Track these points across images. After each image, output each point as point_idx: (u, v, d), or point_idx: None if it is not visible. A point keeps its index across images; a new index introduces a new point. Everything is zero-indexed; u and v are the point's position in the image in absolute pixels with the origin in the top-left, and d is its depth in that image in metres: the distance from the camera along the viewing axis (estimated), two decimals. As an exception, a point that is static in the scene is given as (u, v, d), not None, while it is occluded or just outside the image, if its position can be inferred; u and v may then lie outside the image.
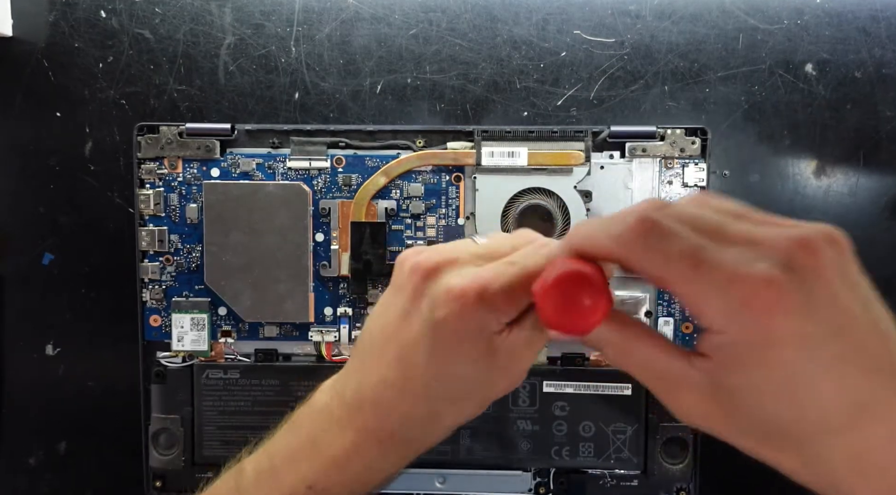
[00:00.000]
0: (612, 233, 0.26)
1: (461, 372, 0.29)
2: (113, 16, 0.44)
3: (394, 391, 0.30)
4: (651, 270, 0.25)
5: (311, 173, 0.42)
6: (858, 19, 0.43)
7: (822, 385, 0.24)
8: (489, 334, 0.28)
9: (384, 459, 0.31)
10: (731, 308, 0.23)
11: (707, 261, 0.23)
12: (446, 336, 0.28)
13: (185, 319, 0.43)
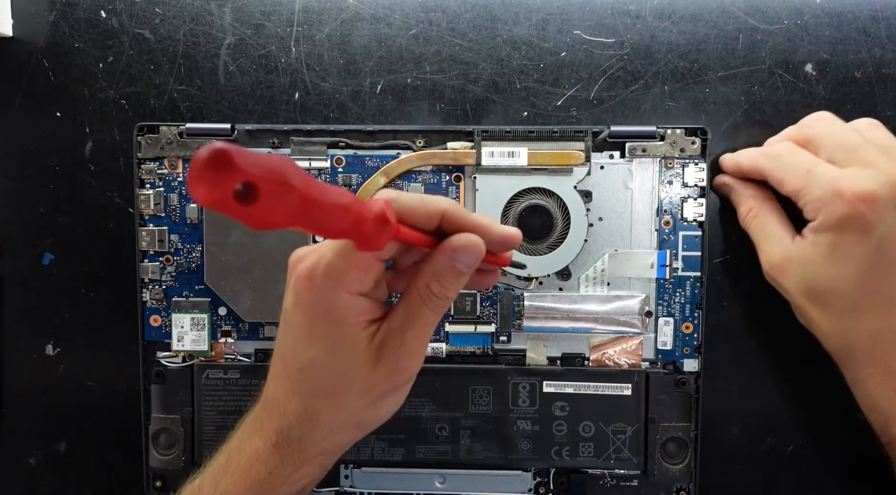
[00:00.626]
0: (762, 151, 0.40)
1: (320, 359, 0.29)
2: (113, 16, 0.44)
3: (275, 386, 0.31)
4: (778, 177, 0.38)
5: (311, 173, 0.42)
6: (858, 19, 0.43)
7: (870, 276, 0.33)
8: (345, 316, 0.29)
9: (283, 467, 0.31)
10: (826, 198, 0.34)
11: (819, 172, 0.35)
12: (297, 320, 0.29)
13: (185, 319, 0.43)
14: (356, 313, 0.29)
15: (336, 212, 0.24)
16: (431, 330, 0.30)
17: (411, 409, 0.42)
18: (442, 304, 0.29)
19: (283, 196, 0.22)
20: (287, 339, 0.30)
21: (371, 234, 0.26)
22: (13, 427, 0.46)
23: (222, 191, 0.21)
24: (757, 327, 0.45)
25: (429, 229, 0.29)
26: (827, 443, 0.45)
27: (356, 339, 0.29)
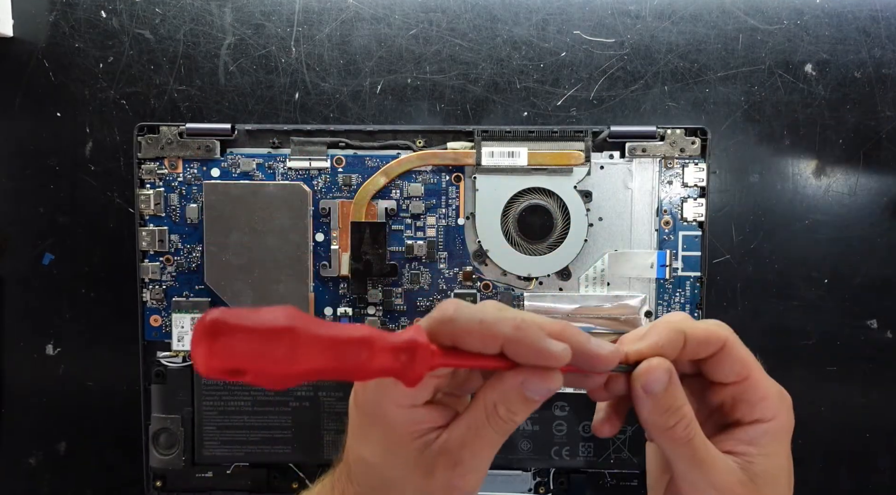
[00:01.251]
0: (721, 332, 0.31)
1: (371, 459, 0.28)
2: (113, 16, 0.44)
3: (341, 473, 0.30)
4: (744, 355, 0.31)
5: (311, 173, 0.42)
6: (858, 20, 0.43)
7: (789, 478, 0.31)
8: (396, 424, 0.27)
9: None
10: (780, 398, 0.31)
11: (758, 374, 0.31)
12: (353, 415, 0.28)
13: (185, 319, 0.43)
14: (409, 424, 0.27)
15: (354, 352, 0.22)
16: (494, 450, 0.27)
17: (411, 409, 0.42)
18: (508, 427, 0.27)
19: (278, 366, 0.21)
20: (348, 425, 0.29)
21: (402, 369, 0.23)
22: (13, 427, 0.46)
23: (218, 365, 0.21)
24: (756, 327, 0.45)
25: (491, 353, 0.26)
26: (826, 443, 0.45)
27: (407, 449, 0.27)
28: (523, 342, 0.25)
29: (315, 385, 0.42)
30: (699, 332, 0.29)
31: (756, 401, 0.30)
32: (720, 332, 0.30)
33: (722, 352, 0.30)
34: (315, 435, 0.42)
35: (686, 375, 0.30)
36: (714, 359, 0.30)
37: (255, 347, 0.21)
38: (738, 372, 0.30)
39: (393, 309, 0.43)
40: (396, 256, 0.43)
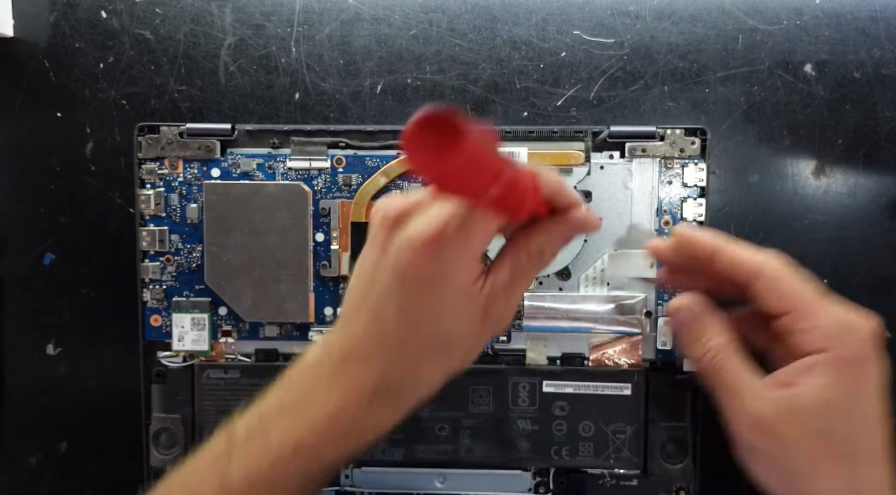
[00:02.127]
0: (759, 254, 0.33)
1: (434, 322, 0.29)
2: (114, 16, 0.44)
3: (373, 346, 0.29)
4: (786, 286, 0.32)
5: (311, 173, 0.42)
6: (858, 20, 0.43)
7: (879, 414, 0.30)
8: (462, 281, 0.28)
9: (371, 417, 0.30)
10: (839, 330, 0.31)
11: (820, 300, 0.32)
12: (411, 285, 0.28)
13: (185, 319, 0.43)
14: (473, 276, 0.29)
15: (491, 173, 0.24)
16: (525, 290, 0.32)
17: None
18: (541, 269, 0.31)
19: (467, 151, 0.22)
20: (388, 301, 0.29)
21: (517, 203, 0.25)
22: (13, 427, 0.46)
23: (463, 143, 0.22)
24: (757, 327, 0.45)
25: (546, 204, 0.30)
26: (827, 443, 0.45)
27: (472, 302, 0.29)
28: (569, 194, 0.30)
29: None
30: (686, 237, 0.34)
31: (805, 332, 0.30)
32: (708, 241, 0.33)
33: (760, 282, 0.31)
34: (315, 434, 0.42)
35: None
36: (755, 290, 0.31)
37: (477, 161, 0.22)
38: (779, 305, 0.31)
39: (393, 309, 0.43)
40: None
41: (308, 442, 0.30)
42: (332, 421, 0.30)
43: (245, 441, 0.31)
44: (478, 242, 0.28)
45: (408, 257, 0.28)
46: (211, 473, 0.31)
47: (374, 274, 0.29)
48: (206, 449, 0.32)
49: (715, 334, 0.33)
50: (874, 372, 0.30)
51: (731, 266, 0.32)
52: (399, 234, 0.28)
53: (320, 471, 0.31)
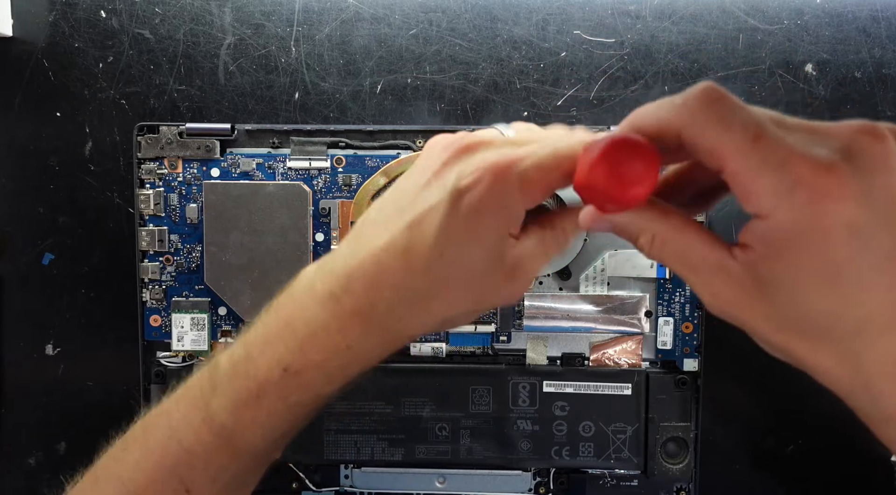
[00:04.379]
0: (675, 102, 0.25)
1: (468, 253, 0.28)
2: (113, 16, 0.44)
3: (394, 258, 0.28)
4: (708, 139, 0.24)
5: (311, 173, 0.42)
6: (858, 19, 0.43)
7: (871, 279, 0.23)
8: (508, 225, 0.28)
9: (365, 340, 0.29)
10: (784, 187, 0.22)
11: (767, 136, 0.23)
12: (466, 205, 0.27)
13: (185, 319, 0.43)
14: (515, 225, 0.28)
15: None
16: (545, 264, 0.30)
17: (411, 409, 0.42)
18: (563, 248, 0.30)
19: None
20: (434, 216, 0.27)
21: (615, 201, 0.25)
22: (13, 427, 0.46)
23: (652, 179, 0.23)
24: (757, 327, 0.45)
25: None
26: (827, 444, 0.45)
27: (505, 251, 0.28)
28: None
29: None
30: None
31: (743, 198, 0.24)
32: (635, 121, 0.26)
33: (683, 138, 0.25)
34: (315, 435, 0.42)
35: None
36: (681, 146, 0.25)
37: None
38: (708, 162, 0.24)
39: (393, 309, 0.43)
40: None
41: (296, 365, 0.29)
42: (322, 342, 0.29)
43: (229, 372, 0.30)
44: (546, 189, 0.27)
45: (473, 176, 0.27)
46: (193, 408, 0.30)
47: (421, 193, 0.28)
48: (187, 385, 0.31)
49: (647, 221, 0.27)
50: (838, 220, 0.22)
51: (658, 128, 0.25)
52: (467, 159, 0.28)
53: (309, 402, 0.30)
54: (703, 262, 0.25)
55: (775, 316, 0.25)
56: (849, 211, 0.22)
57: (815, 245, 0.23)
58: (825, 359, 0.25)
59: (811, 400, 0.45)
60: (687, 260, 0.26)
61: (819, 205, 0.22)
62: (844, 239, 0.23)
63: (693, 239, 0.26)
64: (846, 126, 0.23)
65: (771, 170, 0.23)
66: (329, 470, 0.44)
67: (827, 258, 0.23)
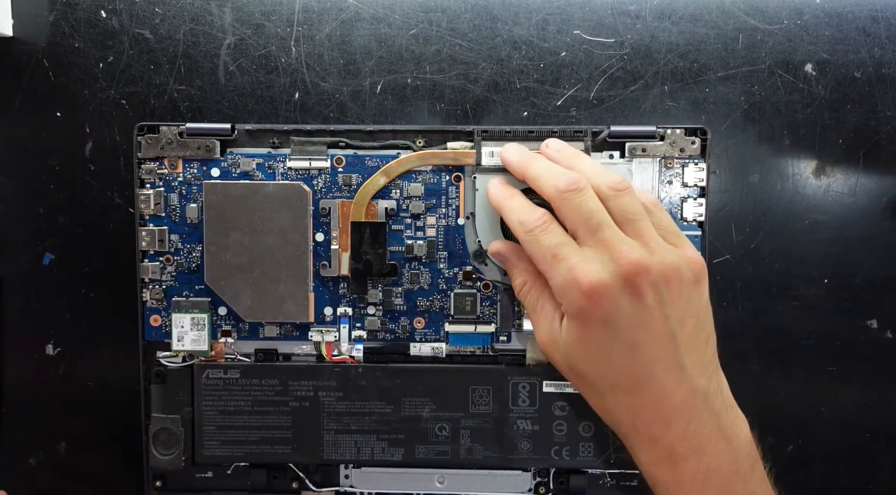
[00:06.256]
0: (517, 218, 0.37)
1: None
2: (113, 16, 0.44)
3: None
4: (530, 253, 0.37)
5: (311, 173, 0.42)
6: (858, 19, 0.43)
7: (617, 360, 0.35)
8: None
9: None
10: (566, 288, 0.35)
11: (562, 257, 0.35)
12: None
13: (185, 319, 0.43)
14: None
15: None
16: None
17: (411, 409, 0.42)
18: None
19: None
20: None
21: None
22: (13, 427, 0.46)
23: None
24: (757, 327, 0.45)
25: None
26: (826, 443, 0.45)
27: None
28: None
29: (315, 385, 0.42)
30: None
31: (551, 287, 0.36)
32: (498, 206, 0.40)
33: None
34: (315, 435, 0.43)
35: None
36: None
37: None
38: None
39: (393, 309, 0.43)
40: (396, 256, 0.43)
41: None
42: None
43: None
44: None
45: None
46: None
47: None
48: None
49: (524, 271, 0.39)
50: (601, 319, 0.34)
51: None
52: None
53: None
54: (544, 314, 0.38)
55: (566, 367, 0.37)
56: (604, 312, 0.34)
57: (583, 328, 0.35)
58: (592, 402, 0.38)
59: (811, 400, 0.45)
60: (538, 309, 0.38)
61: (584, 304, 0.34)
62: (600, 330, 0.34)
63: (548, 295, 0.37)
64: (627, 259, 0.34)
65: (561, 276, 0.35)
66: (329, 470, 0.44)
67: (589, 339, 0.35)
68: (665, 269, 0.34)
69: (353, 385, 0.42)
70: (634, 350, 0.34)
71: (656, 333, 0.34)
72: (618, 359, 0.35)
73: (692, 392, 0.35)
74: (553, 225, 0.36)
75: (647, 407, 0.35)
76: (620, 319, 0.34)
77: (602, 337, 0.34)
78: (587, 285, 0.34)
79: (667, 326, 0.34)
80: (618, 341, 0.34)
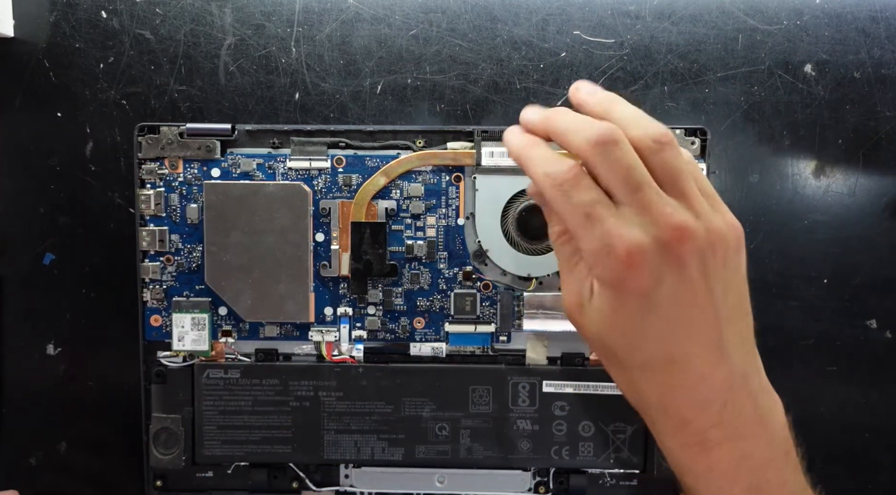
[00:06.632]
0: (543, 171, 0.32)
1: None
2: (114, 16, 0.44)
3: None
4: (558, 211, 0.32)
5: (311, 173, 0.42)
6: (858, 20, 0.43)
7: (652, 336, 0.31)
8: None
9: None
10: (601, 254, 0.30)
11: (596, 217, 0.30)
12: None
13: (185, 319, 0.43)
14: None
15: None
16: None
17: (411, 409, 0.42)
18: None
19: None
20: None
21: None
22: (13, 427, 0.46)
23: None
24: (756, 327, 0.45)
25: None
26: (826, 443, 0.45)
27: None
28: None
29: (315, 385, 0.43)
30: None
31: (581, 251, 0.32)
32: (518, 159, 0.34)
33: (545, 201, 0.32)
34: (315, 435, 0.43)
35: None
36: None
37: None
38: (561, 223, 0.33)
39: (393, 309, 0.43)
40: (396, 256, 0.43)
41: None
42: None
43: None
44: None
45: None
46: None
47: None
48: None
49: (553, 226, 0.34)
50: (638, 291, 0.30)
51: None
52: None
53: None
54: (577, 272, 0.33)
55: (595, 336, 0.32)
56: (642, 282, 0.30)
57: (616, 298, 0.31)
58: (618, 380, 0.34)
59: (811, 400, 0.45)
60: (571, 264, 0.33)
61: (620, 271, 0.30)
62: (635, 302, 0.30)
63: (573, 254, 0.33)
64: (669, 222, 0.30)
65: (595, 240, 0.30)
66: (329, 469, 0.44)
67: (621, 311, 0.31)
68: (711, 236, 0.30)
69: (354, 385, 0.42)
70: (673, 325, 0.30)
71: (699, 308, 0.30)
72: (653, 335, 0.31)
73: (731, 373, 0.31)
74: (586, 179, 0.31)
75: (681, 388, 0.31)
76: (660, 291, 0.30)
77: (638, 309, 0.30)
78: (625, 251, 0.29)
79: (710, 300, 0.31)
80: (655, 315, 0.30)
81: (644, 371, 0.32)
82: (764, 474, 0.32)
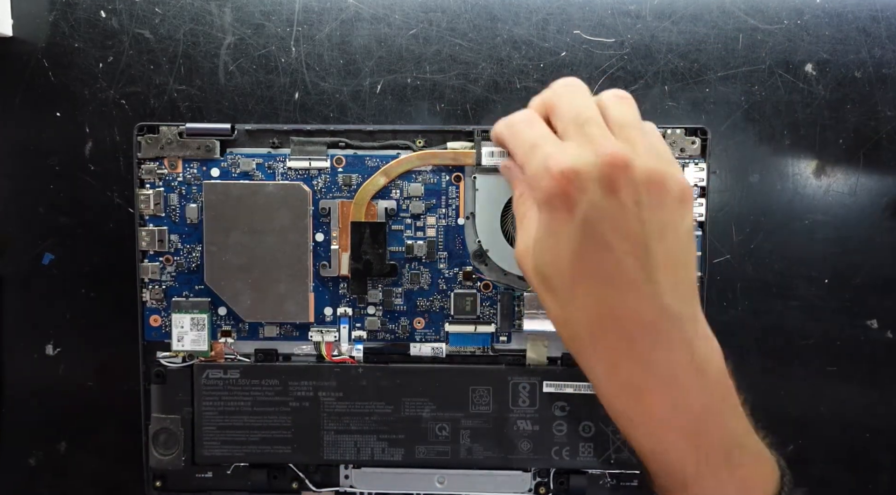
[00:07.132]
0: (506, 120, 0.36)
1: None
2: (113, 16, 0.44)
3: None
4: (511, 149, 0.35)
5: (311, 173, 0.42)
6: (858, 19, 0.43)
7: (582, 256, 0.31)
8: None
9: None
10: (538, 177, 0.32)
11: (540, 146, 0.33)
12: None
13: (185, 319, 0.43)
14: None
15: None
16: None
17: (411, 409, 0.42)
18: None
19: None
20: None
21: None
22: (13, 427, 0.46)
23: None
24: (757, 327, 0.45)
25: None
26: (826, 443, 0.45)
27: None
28: None
29: (315, 385, 0.42)
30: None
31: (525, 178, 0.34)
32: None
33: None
34: (315, 435, 0.43)
35: None
36: None
37: None
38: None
39: (393, 309, 0.43)
40: (396, 256, 0.43)
41: None
42: None
43: None
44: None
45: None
46: None
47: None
48: None
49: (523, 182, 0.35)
50: (566, 206, 0.31)
51: None
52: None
53: None
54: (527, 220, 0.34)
55: (533, 268, 0.33)
56: (573, 197, 0.31)
57: (551, 220, 0.32)
58: (551, 303, 0.33)
59: (811, 400, 0.45)
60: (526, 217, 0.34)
61: (555, 190, 0.31)
62: (565, 219, 0.31)
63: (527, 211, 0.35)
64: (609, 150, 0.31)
65: (533, 166, 0.32)
66: (329, 470, 0.44)
67: (556, 230, 0.32)
68: (649, 172, 0.31)
69: (353, 385, 0.42)
70: (601, 247, 0.31)
71: (628, 235, 0.31)
72: (581, 255, 0.31)
73: (661, 311, 0.31)
74: (538, 121, 0.34)
75: (608, 316, 0.31)
76: (590, 211, 0.31)
77: (568, 227, 0.31)
78: (558, 170, 0.31)
79: (641, 231, 0.31)
80: (584, 234, 0.31)
81: (574, 294, 0.32)
82: (702, 421, 0.32)
